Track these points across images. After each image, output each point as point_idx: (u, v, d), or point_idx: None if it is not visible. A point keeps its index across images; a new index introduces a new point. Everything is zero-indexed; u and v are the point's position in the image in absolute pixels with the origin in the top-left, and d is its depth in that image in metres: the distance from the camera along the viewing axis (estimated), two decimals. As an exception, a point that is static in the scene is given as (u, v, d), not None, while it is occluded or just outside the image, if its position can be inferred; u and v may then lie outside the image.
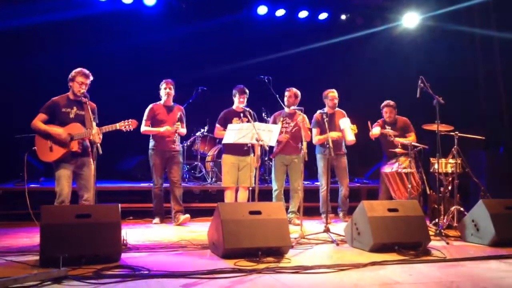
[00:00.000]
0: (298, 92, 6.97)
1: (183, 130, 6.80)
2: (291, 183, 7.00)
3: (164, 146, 6.67)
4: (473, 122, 9.03)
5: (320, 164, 7.15)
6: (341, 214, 7.33)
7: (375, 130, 7.07)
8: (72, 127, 5.40)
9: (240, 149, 6.60)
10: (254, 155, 6.71)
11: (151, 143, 6.77)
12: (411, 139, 6.99)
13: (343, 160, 7.23)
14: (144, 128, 6.66)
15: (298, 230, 5.78)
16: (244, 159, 6.72)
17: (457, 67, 9.26)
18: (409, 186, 6.47)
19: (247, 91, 6.82)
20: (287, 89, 7.03)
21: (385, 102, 7.32)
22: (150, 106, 6.78)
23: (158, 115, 6.69)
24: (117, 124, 5.45)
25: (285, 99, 6.97)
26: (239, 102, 6.76)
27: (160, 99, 6.83)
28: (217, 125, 6.87)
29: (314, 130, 7.07)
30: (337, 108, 7.25)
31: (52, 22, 8.08)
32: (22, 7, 8.08)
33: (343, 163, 7.23)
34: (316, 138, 7.05)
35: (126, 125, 5.47)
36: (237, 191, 6.85)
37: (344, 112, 7.23)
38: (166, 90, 6.72)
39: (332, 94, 7.19)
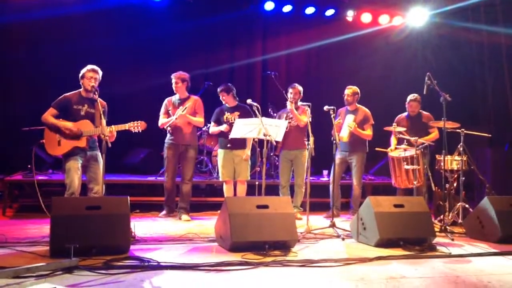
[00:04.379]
0: (301, 88, 7.06)
1: (197, 119, 6.67)
2: (295, 179, 7.07)
3: (178, 140, 6.64)
4: (479, 120, 9.05)
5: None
6: (350, 212, 7.33)
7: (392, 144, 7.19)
8: (82, 124, 5.45)
9: (233, 144, 6.66)
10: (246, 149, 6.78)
11: (167, 136, 6.76)
12: (433, 135, 7.02)
13: (354, 159, 7.12)
14: (160, 121, 6.69)
15: (304, 224, 5.83)
16: (237, 153, 6.78)
17: (463, 64, 9.27)
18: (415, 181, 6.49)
19: (226, 89, 6.81)
20: (292, 85, 7.11)
21: (413, 96, 7.24)
22: (165, 100, 6.81)
23: (170, 109, 6.70)
24: (127, 125, 5.51)
25: (290, 95, 7.03)
26: (222, 99, 6.87)
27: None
28: (211, 122, 7.00)
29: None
30: (358, 105, 7.24)
31: (61, 16, 8.11)
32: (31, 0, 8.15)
33: (354, 161, 7.13)
34: None
35: (135, 126, 5.53)
36: (235, 185, 6.91)
37: (364, 109, 7.22)
38: (173, 85, 6.73)
39: (345, 91, 7.23)
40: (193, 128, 6.78)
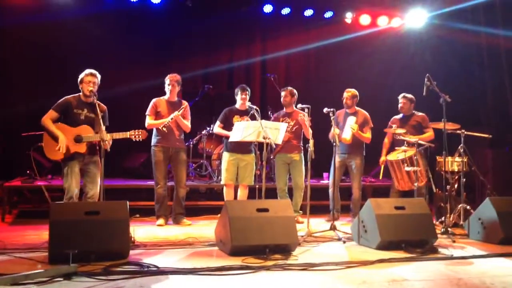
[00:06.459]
0: (294, 91, 7.00)
1: (186, 123, 6.58)
2: (293, 182, 6.99)
3: (168, 143, 6.50)
4: (479, 121, 9.03)
5: (333, 162, 6.99)
6: (351, 215, 7.28)
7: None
8: (83, 129, 5.40)
9: (240, 147, 6.58)
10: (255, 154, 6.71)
11: (154, 139, 6.56)
12: (428, 135, 6.98)
13: (353, 162, 7.07)
14: (149, 121, 6.47)
15: (305, 228, 5.79)
16: (244, 157, 6.70)
17: (463, 65, 9.25)
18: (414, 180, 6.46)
19: (248, 89, 6.80)
20: (283, 89, 7.08)
21: (402, 94, 7.29)
22: (153, 100, 6.58)
23: (161, 111, 6.51)
24: (128, 133, 5.47)
25: (282, 99, 7.01)
26: (241, 99, 6.75)
27: (165, 94, 6.68)
28: (217, 121, 6.89)
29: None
30: (357, 108, 7.19)
31: (61, 19, 8.11)
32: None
33: (354, 164, 7.07)
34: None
35: (136, 134, 5.50)
36: (236, 189, 6.83)
37: (364, 112, 7.17)
38: (169, 86, 6.56)
39: (344, 94, 7.19)
40: (182, 132, 6.68)
